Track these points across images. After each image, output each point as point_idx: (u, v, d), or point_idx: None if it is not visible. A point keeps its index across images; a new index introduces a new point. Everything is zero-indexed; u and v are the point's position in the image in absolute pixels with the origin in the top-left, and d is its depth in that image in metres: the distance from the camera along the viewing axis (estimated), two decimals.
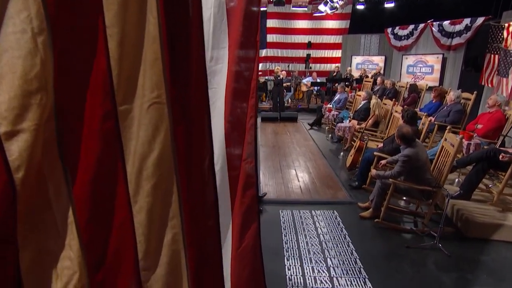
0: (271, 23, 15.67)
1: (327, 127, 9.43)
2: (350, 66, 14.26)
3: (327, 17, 15.23)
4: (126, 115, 1.00)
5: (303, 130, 9.89)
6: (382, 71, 13.18)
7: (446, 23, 10.19)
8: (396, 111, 6.24)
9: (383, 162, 4.86)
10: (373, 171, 4.65)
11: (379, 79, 10.30)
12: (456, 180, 5.35)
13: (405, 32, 11.80)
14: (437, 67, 10.67)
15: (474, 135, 5.45)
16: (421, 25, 11.14)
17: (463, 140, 5.09)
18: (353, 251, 3.97)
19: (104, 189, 0.98)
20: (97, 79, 0.89)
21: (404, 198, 4.90)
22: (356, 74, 13.80)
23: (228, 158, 1.72)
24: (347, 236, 4.28)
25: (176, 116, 1.04)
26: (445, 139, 4.43)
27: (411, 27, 11.51)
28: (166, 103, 1.01)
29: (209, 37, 1.62)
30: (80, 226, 0.91)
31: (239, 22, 1.57)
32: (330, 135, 8.85)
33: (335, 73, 13.67)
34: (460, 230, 4.44)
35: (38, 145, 0.79)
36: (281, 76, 11.38)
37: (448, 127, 4.65)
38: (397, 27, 12.16)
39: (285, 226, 4.51)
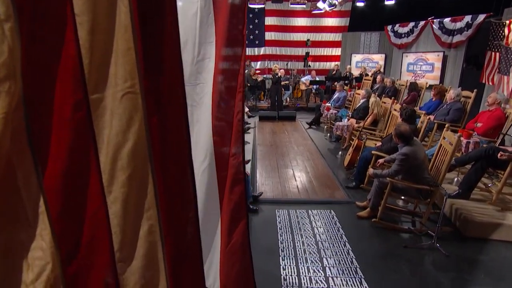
0: (269, 20, 15.69)
1: (325, 126, 9.43)
2: (350, 65, 14.28)
3: (326, 14, 15.25)
4: (98, 104, 1.00)
5: (301, 129, 9.89)
6: (382, 70, 13.20)
7: (446, 20, 10.21)
8: (395, 110, 6.25)
9: (380, 161, 4.87)
10: (370, 170, 4.66)
11: (378, 77, 10.32)
12: (455, 179, 5.35)
13: (405, 29, 11.83)
14: (438, 65, 10.69)
15: (474, 134, 5.45)
16: (422, 23, 11.17)
17: (462, 138, 5.11)
18: (350, 251, 3.97)
19: (76, 178, 0.98)
20: (67, 67, 0.89)
21: (403, 197, 4.91)
22: (355, 72, 13.83)
23: (216, 154, 1.73)
24: (343, 236, 4.28)
25: (150, 107, 1.04)
26: (444, 138, 4.44)
27: (412, 24, 11.53)
28: (140, 93, 1.01)
29: (196, 31, 1.62)
30: (52, 216, 0.91)
31: (226, 16, 1.57)
32: (328, 134, 8.86)
33: (334, 72, 13.67)
34: (458, 229, 4.45)
35: (7, 134, 0.79)
36: (279, 74, 11.38)
37: (447, 125, 4.65)
38: (397, 25, 12.18)
39: (281, 226, 4.51)
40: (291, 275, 3.54)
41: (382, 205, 4.40)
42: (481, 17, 9.34)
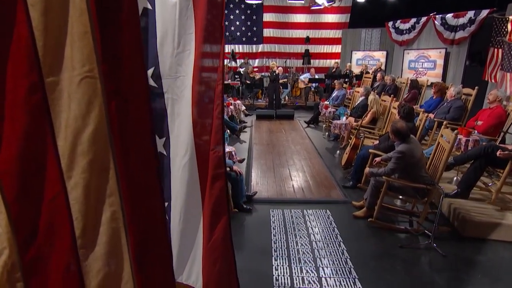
0: (267, 17, 15.74)
1: (324, 125, 9.47)
2: (350, 62, 14.30)
3: (326, 10, 15.29)
4: (54, 87, 1.02)
5: (299, 128, 9.92)
6: (383, 67, 13.22)
7: (449, 16, 10.24)
8: (394, 108, 6.28)
9: (377, 159, 4.90)
10: (367, 169, 4.69)
11: (378, 75, 10.35)
12: (455, 178, 5.38)
13: (406, 25, 11.85)
14: (440, 62, 10.71)
15: (473, 132, 5.48)
16: (423, 19, 11.19)
17: (462, 137, 5.14)
18: (344, 251, 4.00)
19: (32, 163, 1.00)
20: (19, 48, 0.91)
21: (400, 197, 4.94)
22: (356, 70, 13.85)
23: (197, 148, 1.76)
24: (338, 236, 4.31)
25: (109, 92, 1.07)
26: (442, 135, 4.46)
27: (413, 20, 11.55)
28: (98, 78, 1.04)
29: (176, 23, 1.65)
30: (8, 201, 0.93)
31: (205, 7, 1.60)
32: (327, 133, 8.89)
33: (334, 69, 13.71)
34: (457, 229, 4.48)
35: None
36: (277, 72, 11.40)
37: (445, 122, 4.68)
38: (398, 21, 12.21)
39: (275, 226, 4.53)
40: (283, 276, 3.57)
41: (378, 205, 4.43)
42: (484, 13, 9.36)
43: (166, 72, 1.74)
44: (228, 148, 5.50)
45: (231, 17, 15.68)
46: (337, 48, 15.80)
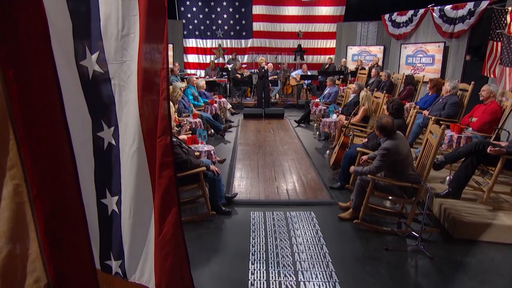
0: (257, 9, 15.83)
1: (315, 124, 9.54)
2: (346, 58, 14.42)
3: (319, 3, 15.43)
4: None
5: (289, 128, 9.98)
6: (380, 63, 13.35)
7: (447, 7, 10.38)
8: (385, 104, 6.35)
9: (364, 157, 4.97)
10: (352, 168, 4.75)
11: (373, 71, 10.47)
12: (448, 178, 5.45)
13: (403, 18, 11.98)
14: (439, 57, 10.85)
15: (466, 129, 5.57)
16: (421, 11, 11.34)
17: (454, 133, 5.22)
18: (326, 254, 4.05)
19: None
20: None
21: (390, 197, 5.00)
22: (352, 66, 13.96)
23: (144, 136, 1.80)
24: (321, 239, 4.36)
25: (1, 59, 1.10)
26: (430, 132, 4.54)
27: (410, 12, 11.69)
28: None
29: (119, 4, 1.70)
30: None
31: None
32: (317, 133, 8.96)
33: (327, 65, 13.83)
34: (447, 231, 4.54)
35: None
36: (266, 68, 11.48)
37: (433, 118, 4.75)
38: (395, 13, 12.34)
39: (255, 229, 4.58)
40: (259, 280, 3.61)
41: (364, 205, 4.49)
42: (484, 4, 9.49)
43: (112, 57, 1.78)
44: (206, 147, 5.55)
45: (218, 9, 15.75)
46: (331, 43, 15.91)
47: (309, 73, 13.64)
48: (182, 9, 15.53)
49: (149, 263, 1.95)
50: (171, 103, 6.05)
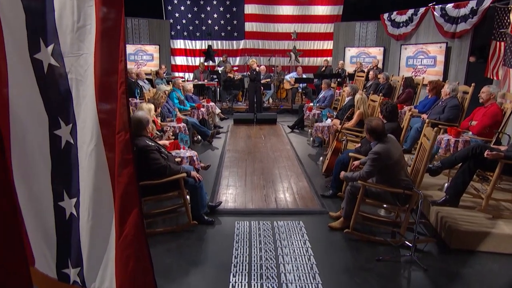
0: (249, 8, 15.93)
1: (310, 130, 9.59)
2: (343, 60, 14.51)
3: (315, 2, 15.57)
4: None
5: (281, 134, 10.03)
6: (380, 65, 13.44)
7: (449, 6, 10.49)
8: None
9: (356, 163, 5.00)
10: (342, 173, 4.78)
11: (371, 73, 10.55)
12: (446, 184, 5.48)
13: (403, 17, 12.10)
14: (441, 58, 10.95)
15: (464, 133, 5.61)
16: (422, 9, 11.46)
17: (451, 137, 5.27)
18: (314, 265, 4.06)
19: None
20: None
21: (385, 206, 5.03)
22: (350, 68, 14.05)
23: (103, 133, 1.82)
24: (309, 249, 4.37)
25: None
26: (424, 135, 4.58)
27: (410, 11, 11.82)
28: None
29: None
30: None
31: None
32: (311, 138, 9.00)
33: (323, 68, 13.91)
34: (443, 241, 4.56)
35: None
36: (257, 70, 11.54)
37: (427, 121, 4.80)
38: (394, 12, 12.46)
39: (239, 239, 4.59)
40: None
41: (354, 213, 4.51)
42: (487, 2, 9.59)
43: (68, 50, 1.81)
44: (189, 153, 5.57)
45: (208, 8, 15.84)
46: (328, 44, 16.02)
47: (304, 76, 13.71)
48: (169, 8, 15.61)
49: (110, 269, 1.96)
50: (152, 106, 6.10)
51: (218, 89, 13.99)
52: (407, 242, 4.31)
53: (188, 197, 4.89)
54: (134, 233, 1.82)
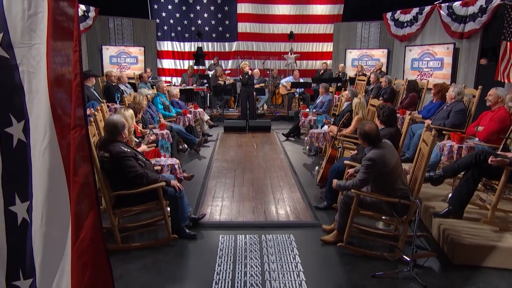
0: (242, 8, 16.05)
1: (306, 138, 9.61)
2: (344, 63, 14.58)
3: (314, 0, 15.67)
4: None
5: (275, 142, 10.07)
6: (384, 68, 13.50)
7: (456, 4, 10.58)
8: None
9: (350, 171, 5.01)
10: (334, 181, 4.78)
11: (372, 77, 10.60)
12: (450, 195, 5.49)
13: (407, 17, 12.21)
14: (448, 60, 11.02)
15: (468, 139, 5.63)
16: (427, 8, 11.56)
17: (454, 143, 5.29)
18: (303, 282, 4.05)
19: None
20: None
21: (383, 217, 5.03)
22: (351, 72, 14.11)
23: (57, 129, 1.83)
24: (299, 265, 4.37)
25: None
26: (423, 140, 4.59)
27: (415, 10, 11.92)
28: None
29: None
30: None
31: None
32: (307, 147, 9.03)
33: (322, 71, 13.98)
34: (446, 255, 4.56)
35: None
36: (250, 73, 11.60)
37: (426, 124, 4.82)
38: (398, 11, 12.55)
39: (222, 254, 4.58)
40: None
41: (348, 225, 4.50)
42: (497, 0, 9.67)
43: (18, 39, 1.82)
44: (170, 161, 5.57)
45: (198, 8, 15.95)
46: (328, 46, 16.13)
47: (301, 81, 13.73)
48: (156, 6, 15.69)
49: (66, 278, 1.95)
50: (131, 112, 6.11)
51: (208, 94, 14.02)
52: (405, 257, 4.30)
53: (168, 208, 4.89)
54: (91, 237, 1.82)
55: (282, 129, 11.40)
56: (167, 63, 16.22)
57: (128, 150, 4.60)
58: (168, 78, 15.52)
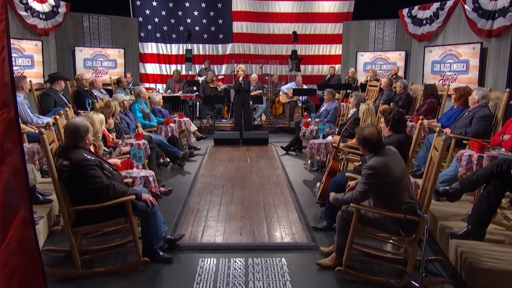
0: (238, 5, 16.15)
1: (306, 150, 9.61)
2: (355, 67, 14.60)
3: None
4: None
5: (273, 156, 10.07)
6: (401, 73, 13.50)
7: None
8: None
9: (351, 183, 4.98)
10: (331, 195, 4.76)
11: (383, 80, 10.61)
12: (469, 213, 5.45)
13: (427, 13, 12.26)
14: (474, 62, 11.01)
15: (495, 148, 5.61)
16: (449, 3, 11.61)
17: (473, 153, 5.27)
18: None
19: None
20: None
21: (390, 236, 4.99)
22: (364, 78, 14.11)
23: None
24: None
25: None
26: (434, 147, 4.57)
27: (436, 5, 11.97)
28: None
29: None
30: None
31: None
32: (309, 161, 9.01)
33: (329, 77, 14.00)
34: (464, 282, 4.51)
35: None
36: (243, 78, 11.65)
37: (438, 128, 4.81)
38: (415, 7, 12.61)
39: (200, 280, 4.54)
40: None
41: (347, 246, 4.46)
42: None
43: None
44: (143, 172, 5.56)
45: (187, 4, 16.04)
46: (336, 49, 16.19)
47: (305, 87, 13.71)
48: (138, 3, 15.74)
49: None
50: (102, 116, 6.10)
51: (198, 103, 14.02)
52: (413, 282, 4.25)
53: (139, 228, 4.86)
54: (19, 236, 1.79)
55: (282, 142, 11.40)
56: (151, 68, 16.22)
57: (92, 158, 4.58)
58: (152, 85, 15.47)
